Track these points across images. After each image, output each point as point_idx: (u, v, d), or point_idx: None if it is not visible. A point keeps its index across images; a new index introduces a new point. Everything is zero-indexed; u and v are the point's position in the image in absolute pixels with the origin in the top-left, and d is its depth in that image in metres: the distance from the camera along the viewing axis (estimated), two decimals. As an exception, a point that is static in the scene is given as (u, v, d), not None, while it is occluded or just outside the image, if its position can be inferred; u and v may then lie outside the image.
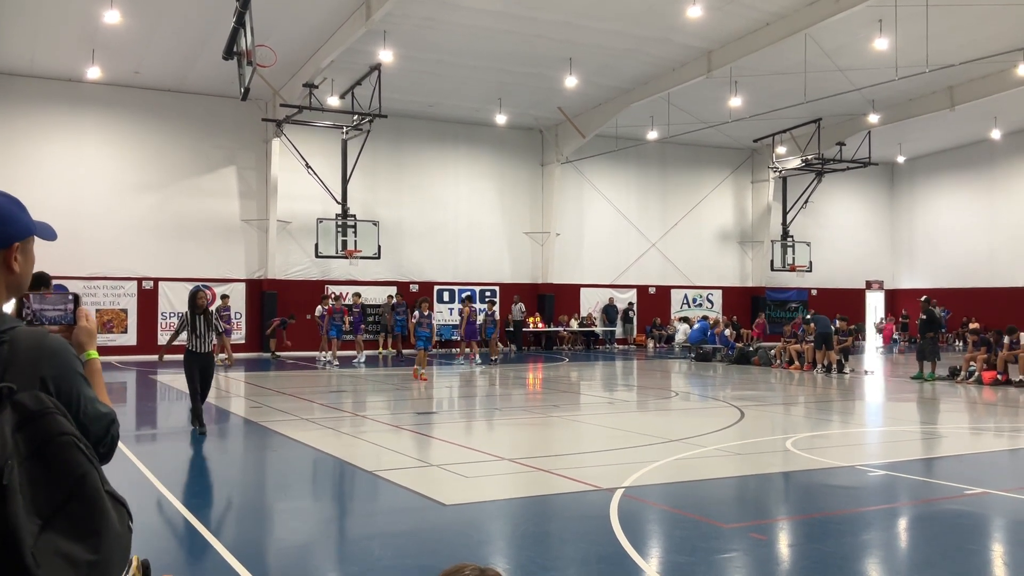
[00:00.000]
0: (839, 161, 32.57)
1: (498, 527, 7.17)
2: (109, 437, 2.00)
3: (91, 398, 1.96)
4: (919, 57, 21.33)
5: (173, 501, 7.71)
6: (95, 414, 1.95)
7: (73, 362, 1.95)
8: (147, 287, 26.72)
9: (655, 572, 5.71)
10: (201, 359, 11.49)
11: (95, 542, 1.73)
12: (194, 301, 11.51)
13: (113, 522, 1.79)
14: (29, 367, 1.84)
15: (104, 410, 1.99)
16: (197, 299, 11.51)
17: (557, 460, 10.08)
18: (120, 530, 1.81)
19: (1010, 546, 6.70)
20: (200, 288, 11.90)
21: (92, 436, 1.90)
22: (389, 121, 26.42)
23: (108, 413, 2.00)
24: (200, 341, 11.41)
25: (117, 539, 1.79)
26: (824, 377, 21.42)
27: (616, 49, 23.96)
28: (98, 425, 1.95)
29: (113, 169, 26.31)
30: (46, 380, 1.85)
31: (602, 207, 33.73)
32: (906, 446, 11.74)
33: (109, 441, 2.00)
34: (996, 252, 34.93)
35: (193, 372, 11.44)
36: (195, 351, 11.42)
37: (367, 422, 13.37)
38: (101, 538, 1.74)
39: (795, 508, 8.01)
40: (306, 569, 5.98)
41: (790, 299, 37.21)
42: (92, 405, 1.95)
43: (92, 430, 1.92)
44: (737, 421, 13.13)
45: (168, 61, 24.37)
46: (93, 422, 1.93)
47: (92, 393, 1.98)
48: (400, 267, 29.90)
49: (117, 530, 1.80)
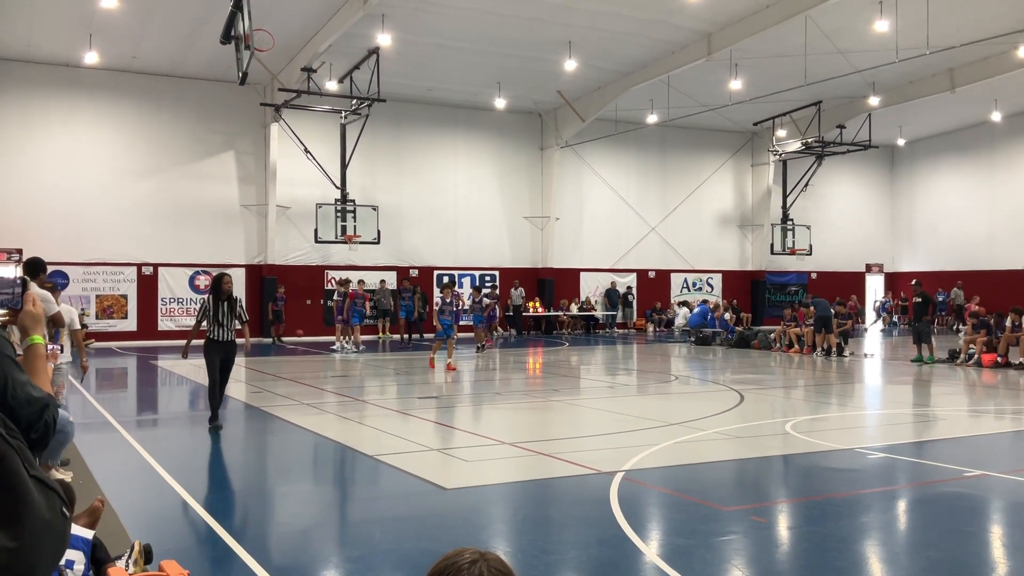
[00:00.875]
0: (839, 144, 32.50)
1: (498, 511, 7.19)
2: (42, 422, 1.93)
3: (22, 382, 1.91)
4: (920, 39, 21.24)
5: (175, 486, 7.73)
6: (25, 398, 1.90)
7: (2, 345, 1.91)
8: (147, 272, 26.72)
9: (655, 555, 5.74)
10: (223, 348, 10.78)
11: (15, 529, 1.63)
12: (218, 287, 10.81)
13: (38, 508, 1.69)
14: None
15: (37, 395, 1.93)
16: (222, 284, 10.82)
17: (557, 444, 10.10)
18: (49, 517, 1.71)
19: (1008, 528, 6.73)
20: (225, 273, 11.17)
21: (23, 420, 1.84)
22: (388, 105, 26.35)
23: (42, 398, 1.95)
24: (222, 329, 10.71)
25: (45, 526, 1.69)
26: (824, 360, 21.45)
27: (616, 32, 23.85)
28: (29, 409, 1.90)
29: (111, 154, 26.25)
30: None
31: (602, 191, 33.67)
32: (905, 429, 11.77)
33: (42, 427, 1.93)
34: (996, 235, 34.90)
35: (214, 361, 10.72)
36: (217, 339, 10.71)
37: (368, 407, 13.39)
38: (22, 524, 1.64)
39: (794, 491, 8.04)
40: (308, 553, 6.01)
41: (790, 282, 37.21)
42: (23, 389, 1.90)
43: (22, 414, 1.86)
44: (737, 404, 13.16)
45: (165, 46, 24.28)
46: (23, 406, 1.88)
47: (24, 377, 1.93)
48: (400, 252, 29.88)
49: (44, 517, 1.70)
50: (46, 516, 1.70)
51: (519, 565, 5.36)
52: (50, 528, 1.70)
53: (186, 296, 27.29)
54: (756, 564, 5.65)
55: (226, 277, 10.97)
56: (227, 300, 10.73)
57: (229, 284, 10.92)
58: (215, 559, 5.71)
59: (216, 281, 10.93)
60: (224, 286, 10.80)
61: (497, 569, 1.57)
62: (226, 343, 10.76)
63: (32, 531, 1.66)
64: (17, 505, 1.65)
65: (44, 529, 1.69)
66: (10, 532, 1.62)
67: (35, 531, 1.66)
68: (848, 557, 5.80)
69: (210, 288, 11.00)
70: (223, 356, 10.77)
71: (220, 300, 10.70)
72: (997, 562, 5.89)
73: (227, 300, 10.73)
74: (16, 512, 1.64)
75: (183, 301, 27.25)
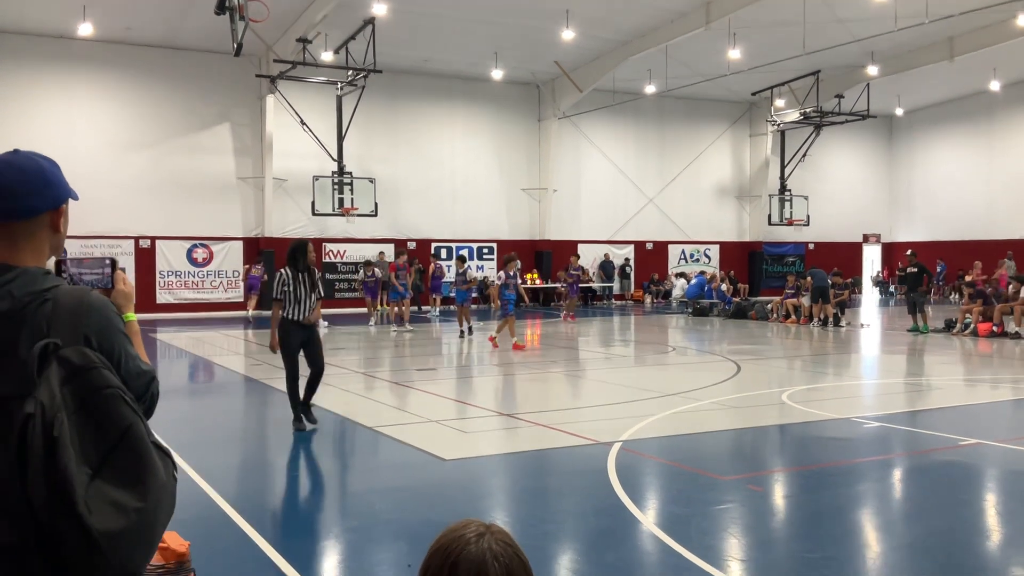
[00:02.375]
0: (838, 114, 32.37)
1: (497, 481, 7.25)
2: (149, 394, 2.05)
3: (132, 355, 2.01)
4: (919, 8, 21.09)
5: (175, 457, 7.76)
6: (136, 371, 2.00)
7: (115, 319, 1.99)
8: (144, 246, 26.68)
9: (652, 524, 5.79)
10: (304, 331, 9.03)
11: (142, 490, 1.79)
12: (298, 256, 9.01)
13: (159, 471, 1.85)
14: (72, 323, 1.88)
15: (144, 367, 2.04)
16: (306, 254, 9.07)
17: (555, 415, 10.16)
18: (165, 479, 1.87)
19: (1002, 496, 6.79)
20: (306, 240, 9.32)
21: (133, 392, 1.93)
22: (384, 76, 26.17)
23: (148, 371, 2.05)
24: (300, 307, 8.93)
25: (163, 488, 1.85)
26: (820, 331, 21.51)
27: (613, 1, 23.66)
28: (139, 382, 2.00)
29: (107, 127, 26.11)
30: (89, 336, 1.88)
31: (599, 162, 33.57)
32: (901, 398, 11.84)
33: (149, 398, 2.06)
34: (994, 204, 34.87)
35: (294, 347, 9.00)
36: (296, 320, 8.93)
37: (367, 379, 13.43)
38: (148, 486, 1.80)
39: (791, 460, 8.10)
40: (308, 523, 6.06)
41: (787, 253, 37.22)
42: (133, 362, 2.00)
43: (133, 386, 1.95)
44: (734, 375, 13.22)
45: (159, 17, 24.06)
46: (134, 378, 1.98)
47: (133, 351, 2.02)
48: (397, 224, 29.83)
49: (163, 479, 1.86)
50: (163, 479, 1.87)
51: (518, 535, 5.40)
52: (167, 489, 1.88)
53: (184, 269, 27.27)
54: (753, 533, 5.71)
55: (309, 244, 9.22)
56: (306, 272, 9.01)
57: (311, 254, 9.20)
58: (216, 530, 5.75)
59: (296, 250, 9.09)
60: (309, 256, 9.08)
61: (504, 542, 1.59)
62: (308, 326, 9.05)
63: (154, 492, 1.82)
64: (143, 469, 1.81)
65: (163, 490, 1.85)
66: (138, 492, 1.79)
67: (156, 492, 1.83)
68: (844, 525, 5.86)
69: (288, 258, 9.11)
70: (304, 339, 9.06)
71: (300, 272, 8.97)
72: (992, 530, 5.96)
73: (306, 272, 9.01)
74: (143, 476, 1.81)
75: (181, 274, 27.23)
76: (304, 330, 9.01)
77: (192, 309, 27.07)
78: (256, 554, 5.27)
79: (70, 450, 1.71)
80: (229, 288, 27.87)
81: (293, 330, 8.95)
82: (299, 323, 8.94)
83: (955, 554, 5.28)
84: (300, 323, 8.95)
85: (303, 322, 8.95)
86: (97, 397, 1.79)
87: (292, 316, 8.92)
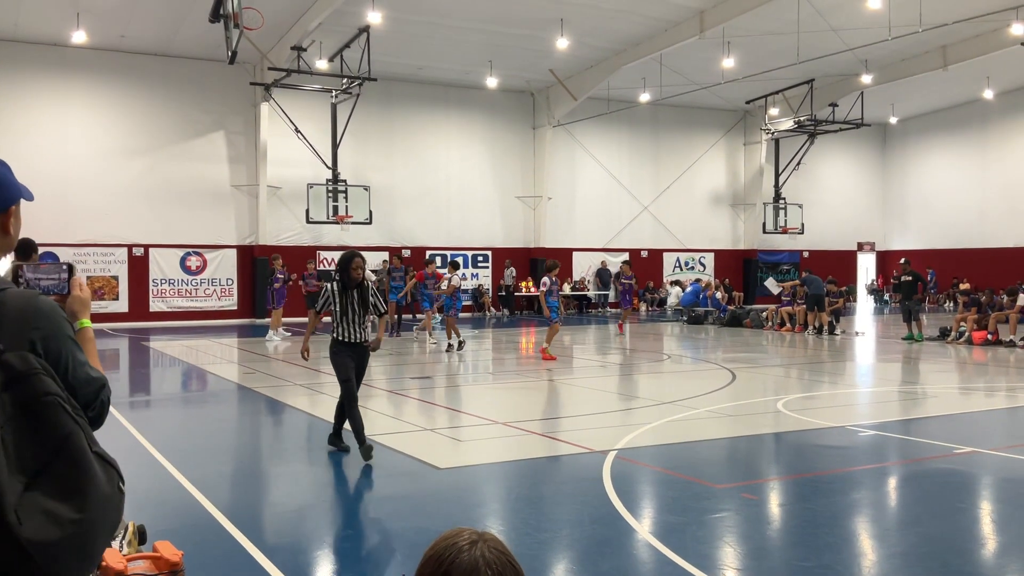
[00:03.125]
0: (831, 122, 32.48)
1: (492, 490, 7.23)
2: (99, 402, 2.02)
3: (81, 362, 1.97)
4: (912, 16, 21.18)
5: (168, 467, 7.74)
6: (84, 378, 1.97)
7: (63, 325, 1.96)
8: (137, 253, 26.62)
9: (648, 532, 5.78)
10: (356, 352, 8.16)
11: (80, 501, 1.74)
12: (348, 272, 8.07)
13: (100, 482, 1.79)
14: (18, 328, 1.84)
15: (94, 375, 2.01)
16: (350, 270, 8.08)
17: (550, 423, 10.14)
18: (109, 491, 1.82)
19: (997, 504, 6.78)
20: (355, 254, 8.27)
21: (81, 399, 1.91)
22: (379, 84, 26.20)
23: (98, 378, 2.02)
24: (352, 328, 8.08)
25: (106, 500, 1.80)
26: (815, 339, 21.52)
27: (608, 9, 23.73)
28: (87, 389, 1.97)
29: (101, 135, 26.07)
30: (35, 341, 1.85)
31: (594, 170, 33.62)
32: (896, 406, 11.84)
33: (99, 405, 2.02)
34: (987, 212, 34.99)
35: (348, 367, 8.06)
36: (344, 340, 8.10)
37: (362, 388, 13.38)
38: (87, 497, 1.75)
39: (786, 468, 8.09)
40: (301, 532, 6.03)
41: (782, 261, 37.29)
42: (82, 369, 1.97)
43: (81, 393, 1.93)
44: (729, 383, 13.21)
45: (154, 24, 24.06)
46: (82, 385, 1.95)
47: (83, 357, 1.99)
48: (392, 232, 29.82)
49: (105, 491, 1.80)
50: (106, 490, 1.81)
51: (513, 543, 5.39)
52: (110, 501, 1.82)
53: (177, 277, 27.21)
54: (748, 541, 5.69)
55: (356, 260, 8.17)
56: (357, 289, 8.10)
57: (360, 269, 8.15)
58: (209, 539, 5.72)
59: (343, 264, 8.16)
60: (352, 272, 8.07)
61: (497, 550, 1.58)
62: (359, 345, 8.15)
63: (95, 504, 1.77)
64: (82, 480, 1.76)
65: (105, 502, 1.80)
66: (76, 503, 1.74)
67: (97, 504, 1.77)
68: (839, 534, 5.84)
69: (336, 272, 8.35)
70: (357, 361, 8.19)
71: (349, 289, 8.07)
72: (986, 538, 5.95)
73: (357, 289, 8.10)
74: (82, 487, 1.76)
75: (174, 282, 27.17)
76: (357, 352, 8.15)
77: (185, 317, 27.01)
78: (249, 563, 5.23)
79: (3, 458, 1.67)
80: (223, 296, 27.81)
81: (343, 351, 8.13)
82: (348, 344, 8.11)
83: (950, 562, 5.27)
84: (349, 344, 8.11)
85: (352, 343, 8.11)
86: (37, 404, 1.76)
87: (341, 337, 8.12)
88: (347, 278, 8.07)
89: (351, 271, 8.06)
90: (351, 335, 8.08)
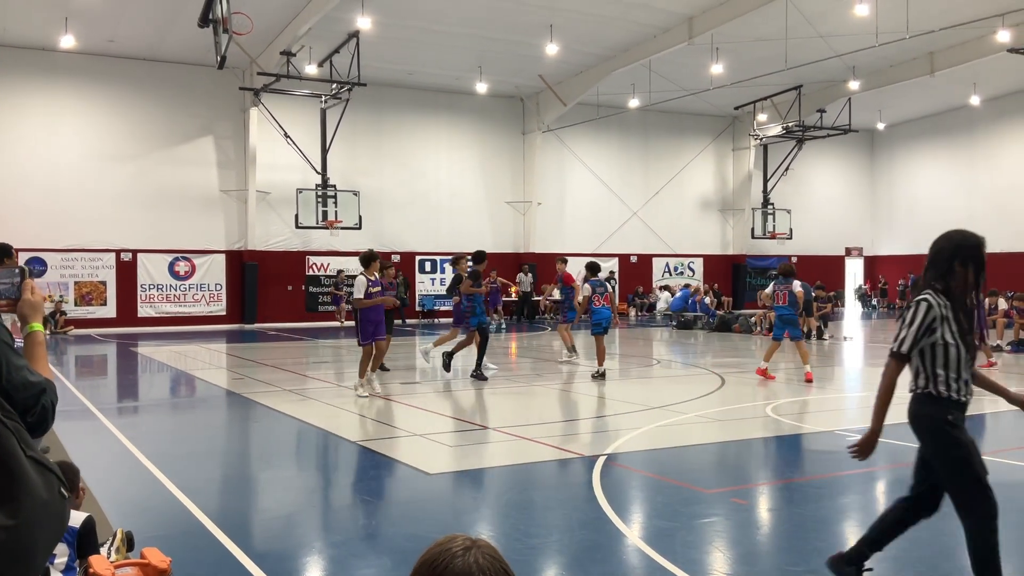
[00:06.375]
0: (819, 128, 32.66)
1: (482, 495, 7.21)
2: (39, 406, 1.97)
3: (19, 366, 1.94)
4: (899, 23, 21.32)
5: (156, 474, 7.69)
6: (22, 382, 1.93)
7: None
8: (126, 259, 26.52)
9: (637, 537, 5.77)
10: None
11: (13, 507, 1.69)
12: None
13: (36, 489, 1.74)
14: None
15: (34, 379, 1.97)
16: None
17: (539, 428, 10.13)
18: (47, 497, 1.76)
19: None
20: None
21: (19, 404, 1.87)
22: (368, 90, 26.20)
23: (39, 382, 1.98)
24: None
25: (42, 506, 1.74)
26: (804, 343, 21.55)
27: (597, 16, 23.80)
28: (25, 393, 1.93)
29: (89, 139, 25.98)
30: None
31: (584, 176, 33.68)
32: (884, 411, 11.86)
33: (40, 410, 1.98)
34: (974, 218, 35.08)
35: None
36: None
37: (349, 393, 13.35)
38: (20, 504, 1.70)
39: (775, 473, 8.10)
40: (291, 538, 6.00)
41: (771, 266, 37.27)
42: (19, 373, 1.93)
43: (18, 398, 1.90)
44: (718, 388, 13.23)
45: (143, 29, 24.01)
46: (19, 390, 1.92)
47: (22, 362, 1.96)
48: (381, 237, 29.78)
49: (42, 497, 1.75)
50: (44, 496, 1.76)
51: (503, 549, 5.36)
52: (48, 508, 1.76)
53: (166, 282, 27.11)
54: (737, 546, 5.70)
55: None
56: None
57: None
58: (197, 546, 5.69)
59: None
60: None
61: (490, 556, 1.58)
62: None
63: (30, 510, 1.71)
64: (13, 485, 1.70)
65: (42, 509, 1.74)
66: (7, 511, 1.68)
67: (33, 510, 1.71)
68: (828, 538, 5.85)
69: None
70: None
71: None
72: (974, 541, 5.96)
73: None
74: (12, 492, 1.70)
75: (162, 287, 27.07)
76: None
77: (174, 323, 26.91)
78: (238, 570, 5.21)
79: None
80: (211, 301, 27.72)
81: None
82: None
83: (940, 566, 5.29)
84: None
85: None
86: None
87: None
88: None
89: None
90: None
